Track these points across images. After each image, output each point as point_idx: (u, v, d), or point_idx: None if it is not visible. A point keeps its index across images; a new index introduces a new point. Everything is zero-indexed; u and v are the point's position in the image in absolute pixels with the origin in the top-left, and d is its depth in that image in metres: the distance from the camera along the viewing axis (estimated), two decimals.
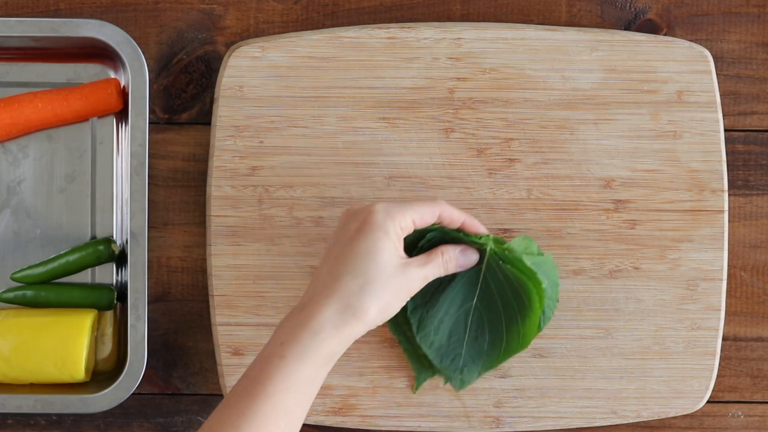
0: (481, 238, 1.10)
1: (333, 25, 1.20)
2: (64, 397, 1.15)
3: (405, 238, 1.07)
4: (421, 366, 1.16)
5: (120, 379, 1.15)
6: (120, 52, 1.16)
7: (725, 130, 1.20)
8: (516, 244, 1.11)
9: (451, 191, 1.17)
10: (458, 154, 1.17)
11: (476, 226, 1.10)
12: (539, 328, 1.13)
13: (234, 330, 1.17)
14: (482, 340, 1.13)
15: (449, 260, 1.08)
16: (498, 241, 1.10)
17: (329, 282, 1.01)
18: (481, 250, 1.10)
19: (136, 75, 1.16)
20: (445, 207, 1.07)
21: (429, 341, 1.13)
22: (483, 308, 1.12)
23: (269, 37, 1.18)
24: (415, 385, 1.17)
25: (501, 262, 1.10)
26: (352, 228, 1.04)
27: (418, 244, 1.10)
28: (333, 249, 1.04)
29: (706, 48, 1.19)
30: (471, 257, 1.10)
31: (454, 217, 1.08)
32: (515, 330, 1.12)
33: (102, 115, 1.20)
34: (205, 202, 1.19)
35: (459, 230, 1.10)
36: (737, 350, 1.21)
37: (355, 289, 1.01)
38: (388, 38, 1.18)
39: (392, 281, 1.02)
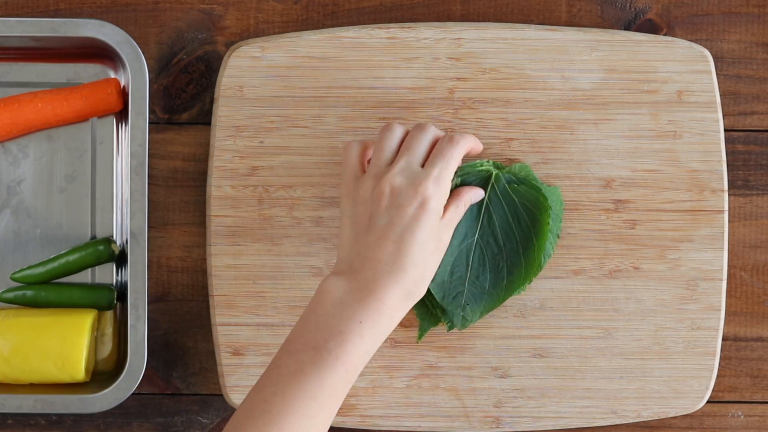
0: (483, 165, 1.14)
1: (333, 25, 1.20)
2: (64, 397, 1.15)
3: None
4: (425, 310, 1.16)
5: (120, 379, 1.15)
6: (120, 52, 1.16)
7: (725, 130, 1.20)
8: (519, 166, 1.15)
9: None
10: None
11: (478, 144, 1.13)
12: (540, 267, 1.15)
13: (234, 330, 1.17)
14: (483, 279, 1.14)
15: (465, 204, 1.11)
16: (498, 166, 1.14)
17: (394, 270, 1.05)
18: (487, 176, 1.14)
19: (136, 75, 1.16)
20: (462, 147, 1.10)
21: None
22: (484, 244, 1.14)
23: (269, 37, 1.18)
24: (419, 334, 1.17)
25: (507, 184, 1.14)
26: (409, 212, 1.06)
27: None
28: (387, 229, 1.06)
29: (706, 48, 1.19)
30: (479, 193, 1.13)
31: (470, 148, 1.11)
32: (517, 268, 1.14)
33: (102, 115, 1.20)
34: (205, 202, 1.19)
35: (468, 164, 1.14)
36: (737, 350, 1.21)
37: (417, 278, 1.06)
38: (388, 38, 1.18)
39: (438, 257, 1.08)
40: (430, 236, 1.06)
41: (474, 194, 1.12)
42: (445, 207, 1.09)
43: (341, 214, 1.09)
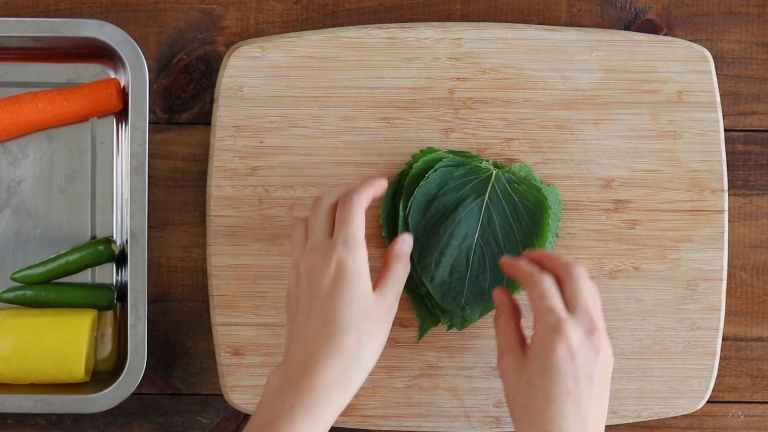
0: (482, 161, 1.14)
1: (333, 25, 1.20)
2: (64, 397, 1.15)
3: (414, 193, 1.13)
4: (425, 311, 1.16)
5: (120, 379, 1.15)
6: (120, 52, 1.16)
7: (725, 130, 1.20)
8: (519, 166, 1.15)
9: None
10: None
11: (380, 186, 1.09)
12: None
13: (234, 330, 1.17)
14: (483, 279, 1.14)
15: (396, 258, 1.08)
16: (498, 166, 1.14)
17: (323, 342, 1.02)
18: (487, 176, 1.13)
19: (136, 75, 1.16)
20: (358, 204, 1.06)
21: (429, 275, 1.14)
22: (484, 244, 1.14)
23: (269, 37, 1.18)
24: (419, 334, 1.17)
25: (507, 183, 1.14)
26: (326, 281, 1.03)
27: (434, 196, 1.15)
28: (310, 305, 1.04)
29: (706, 48, 1.19)
30: (406, 242, 1.10)
31: (370, 198, 1.08)
32: None
33: (102, 115, 1.20)
34: (205, 202, 1.19)
35: (465, 153, 1.14)
36: (737, 350, 1.21)
37: (352, 345, 1.02)
38: (388, 38, 1.18)
39: (378, 321, 1.04)
40: (357, 296, 1.03)
41: (400, 246, 1.09)
42: (381, 270, 1.07)
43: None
